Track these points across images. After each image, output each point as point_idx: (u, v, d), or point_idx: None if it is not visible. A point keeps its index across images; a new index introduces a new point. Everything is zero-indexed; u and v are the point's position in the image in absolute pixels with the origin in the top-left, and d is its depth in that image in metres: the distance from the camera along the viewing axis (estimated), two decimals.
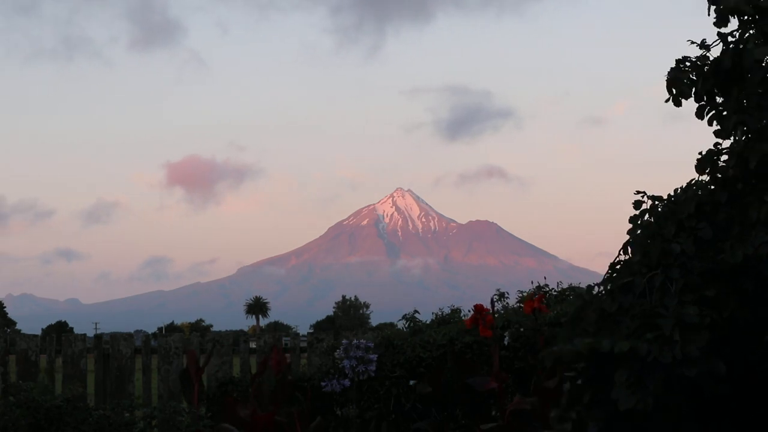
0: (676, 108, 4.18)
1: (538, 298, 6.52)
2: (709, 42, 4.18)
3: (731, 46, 4.10)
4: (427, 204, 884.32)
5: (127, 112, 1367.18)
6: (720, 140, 4.16)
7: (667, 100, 4.18)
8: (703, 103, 4.18)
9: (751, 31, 4.07)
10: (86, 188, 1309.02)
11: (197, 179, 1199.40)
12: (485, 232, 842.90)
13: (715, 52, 4.19)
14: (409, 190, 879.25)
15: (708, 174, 4.08)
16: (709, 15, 4.16)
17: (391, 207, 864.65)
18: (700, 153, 4.14)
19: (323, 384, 7.93)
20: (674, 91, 4.16)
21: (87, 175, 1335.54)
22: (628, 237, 4.13)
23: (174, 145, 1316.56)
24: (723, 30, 4.14)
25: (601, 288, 4.03)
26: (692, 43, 4.18)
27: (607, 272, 4.05)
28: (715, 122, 4.16)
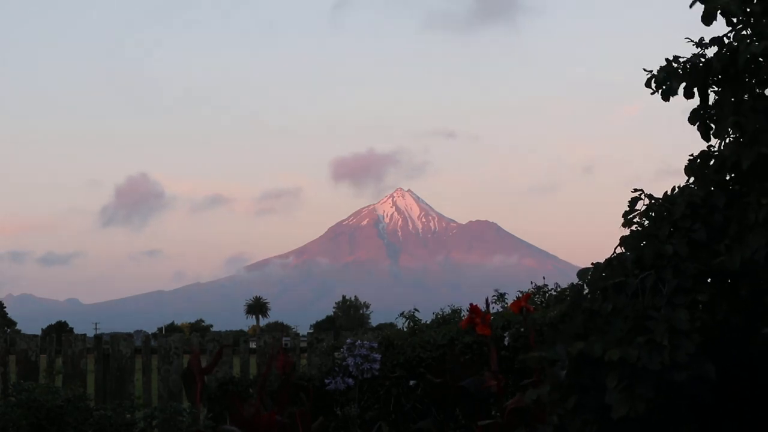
0: None
1: (524, 297, 6.52)
2: (703, 42, 4.19)
3: (723, 48, 4.10)
4: (427, 204, 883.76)
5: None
6: (713, 143, 4.18)
7: (653, 93, 4.20)
8: (696, 107, 4.19)
9: (745, 31, 4.08)
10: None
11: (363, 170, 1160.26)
12: (485, 232, 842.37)
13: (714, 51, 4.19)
14: (409, 190, 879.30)
15: (697, 176, 4.08)
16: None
17: (391, 207, 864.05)
18: (691, 155, 4.15)
19: (327, 381, 7.91)
20: (659, 87, 4.17)
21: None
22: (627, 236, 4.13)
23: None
24: (718, 33, 4.15)
25: (587, 289, 4.03)
26: (689, 41, 4.18)
27: (600, 267, 4.05)
28: (704, 125, 4.17)
